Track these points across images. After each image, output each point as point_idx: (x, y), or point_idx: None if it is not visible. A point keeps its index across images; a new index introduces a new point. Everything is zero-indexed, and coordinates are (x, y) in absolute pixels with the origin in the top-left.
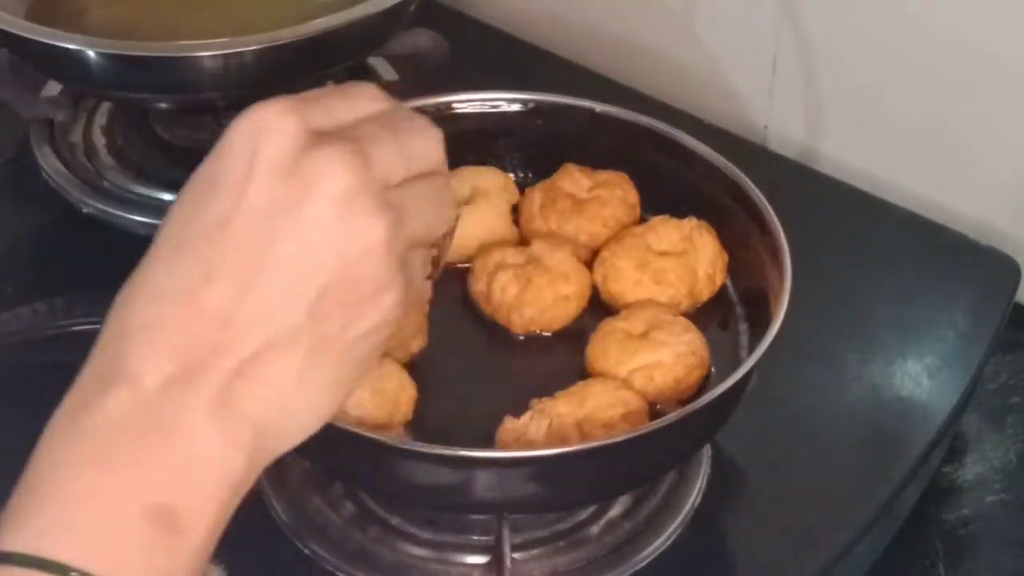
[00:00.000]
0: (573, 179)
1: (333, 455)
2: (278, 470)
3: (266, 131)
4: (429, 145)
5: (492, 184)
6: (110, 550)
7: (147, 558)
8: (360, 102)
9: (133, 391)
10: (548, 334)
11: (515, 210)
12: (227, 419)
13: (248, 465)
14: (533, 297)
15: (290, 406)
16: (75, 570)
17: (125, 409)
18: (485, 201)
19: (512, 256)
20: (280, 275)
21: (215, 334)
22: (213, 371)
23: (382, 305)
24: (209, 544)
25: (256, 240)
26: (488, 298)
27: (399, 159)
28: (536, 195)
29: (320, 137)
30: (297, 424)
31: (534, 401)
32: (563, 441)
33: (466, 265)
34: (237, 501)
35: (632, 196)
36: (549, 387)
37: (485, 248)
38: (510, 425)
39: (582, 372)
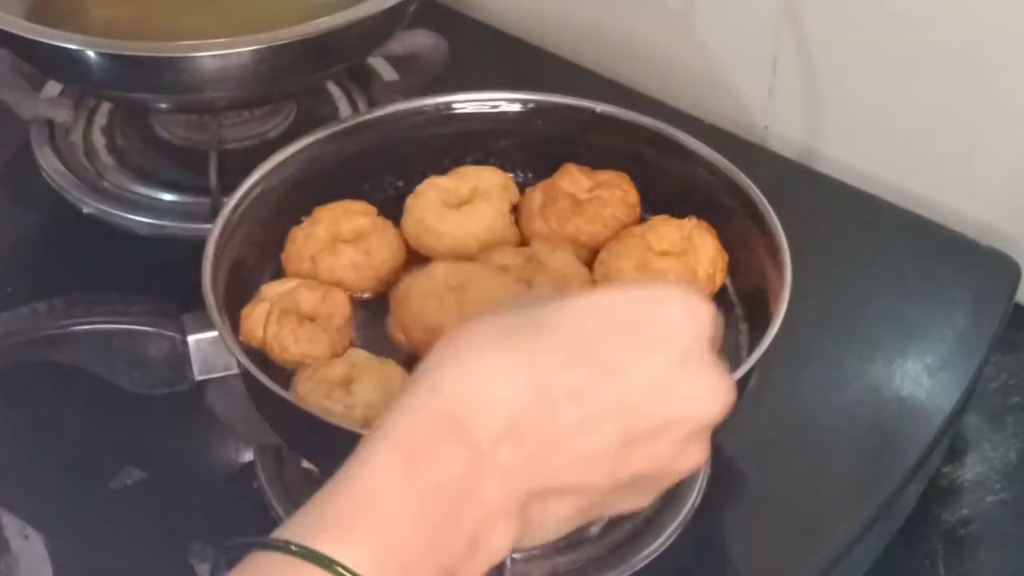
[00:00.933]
0: (573, 179)
1: (333, 455)
2: (278, 470)
3: (698, 319)
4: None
5: (492, 184)
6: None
7: None
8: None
9: (474, 454)
10: None
11: (515, 210)
12: (522, 517)
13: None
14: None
15: (552, 531)
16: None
17: (460, 470)
18: (485, 201)
19: (512, 257)
20: (636, 453)
21: (553, 457)
22: (536, 479)
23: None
24: None
25: (638, 404)
26: None
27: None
28: (536, 195)
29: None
30: (540, 541)
31: None
32: None
33: None
34: None
35: (632, 196)
36: None
37: (485, 248)
38: None
39: None
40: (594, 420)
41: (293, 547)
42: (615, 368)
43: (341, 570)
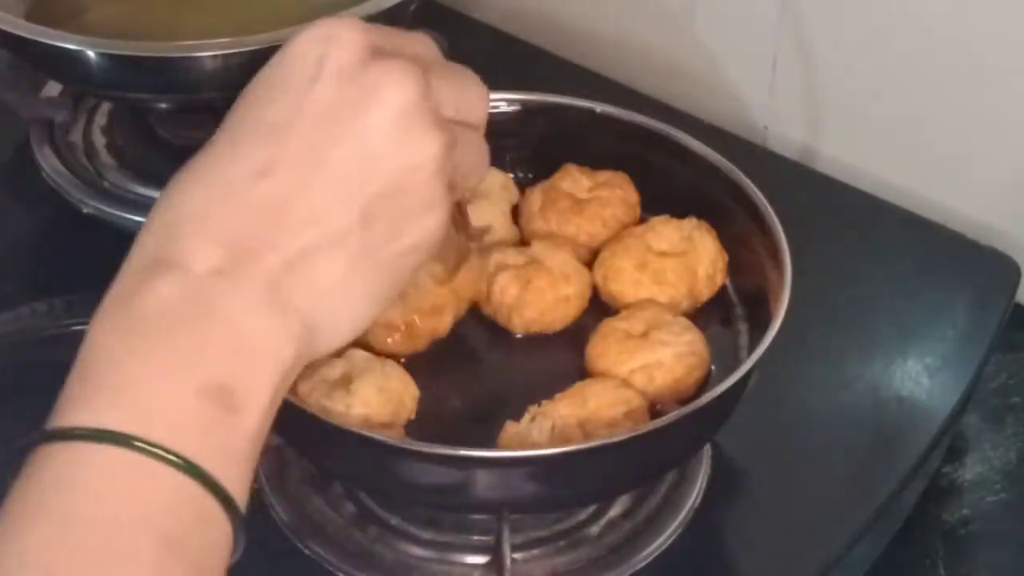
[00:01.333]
0: (573, 179)
1: (334, 455)
2: (278, 470)
3: (335, 39)
4: (478, 95)
5: (492, 184)
6: (169, 426)
7: (204, 435)
8: (418, 42)
9: (183, 278)
10: (548, 334)
11: (515, 210)
12: (276, 308)
13: (296, 355)
14: (534, 298)
15: (333, 307)
16: (138, 439)
17: (176, 295)
18: (485, 201)
19: (513, 257)
20: (336, 176)
21: (267, 227)
22: (262, 262)
23: (425, 225)
24: (263, 428)
25: (316, 140)
26: (488, 299)
27: (453, 94)
28: (536, 195)
29: (385, 52)
30: (339, 327)
31: (532, 408)
32: (567, 442)
33: None
34: (285, 390)
35: (632, 196)
36: (549, 387)
37: (486, 248)
38: (512, 430)
39: (582, 372)
40: (272, 175)
41: (78, 431)
42: (265, 129)
43: (138, 443)
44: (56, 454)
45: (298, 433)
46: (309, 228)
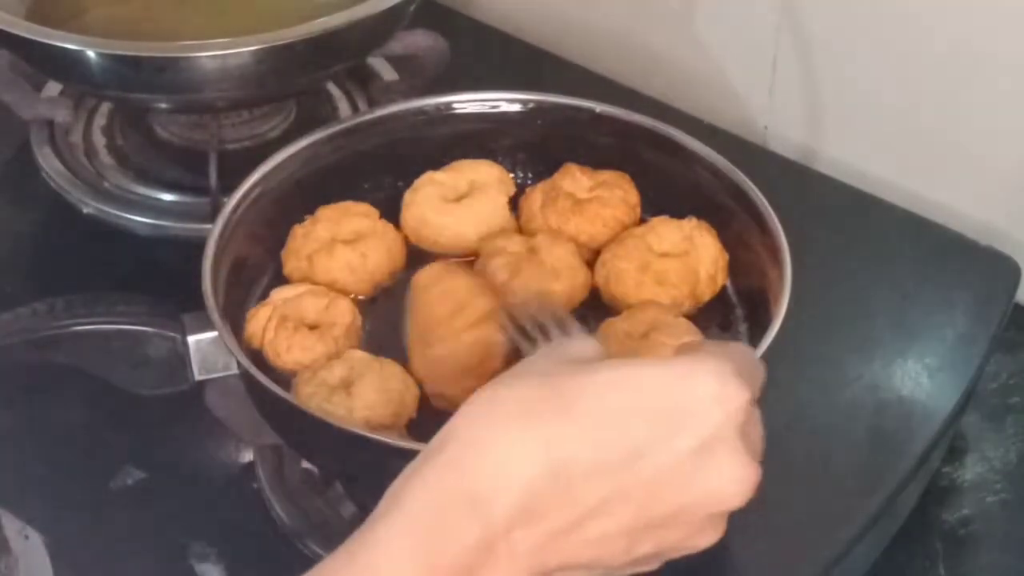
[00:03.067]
0: (574, 179)
1: (335, 456)
2: (278, 470)
3: (729, 403)
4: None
5: (489, 177)
6: None
7: None
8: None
9: (483, 532)
10: None
11: (514, 207)
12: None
13: None
14: (519, 286)
15: None
16: None
17: (472, 548)
18: (484, 195)
19: (514, 244)
20: (655, 525)
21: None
22: (545, 562)
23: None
24: None
25: (661, 491)
26: None
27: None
28: (536, 195)
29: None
30: None
31: None
32: None
33: (469, 259)
34: None
35: (633, 196)
36: None
37: (492, 235)
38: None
39: None
40: (611, 503)
41: None
42: (637, 450)
43: None
44: None
45: (299, 435)
46: (592, 554)
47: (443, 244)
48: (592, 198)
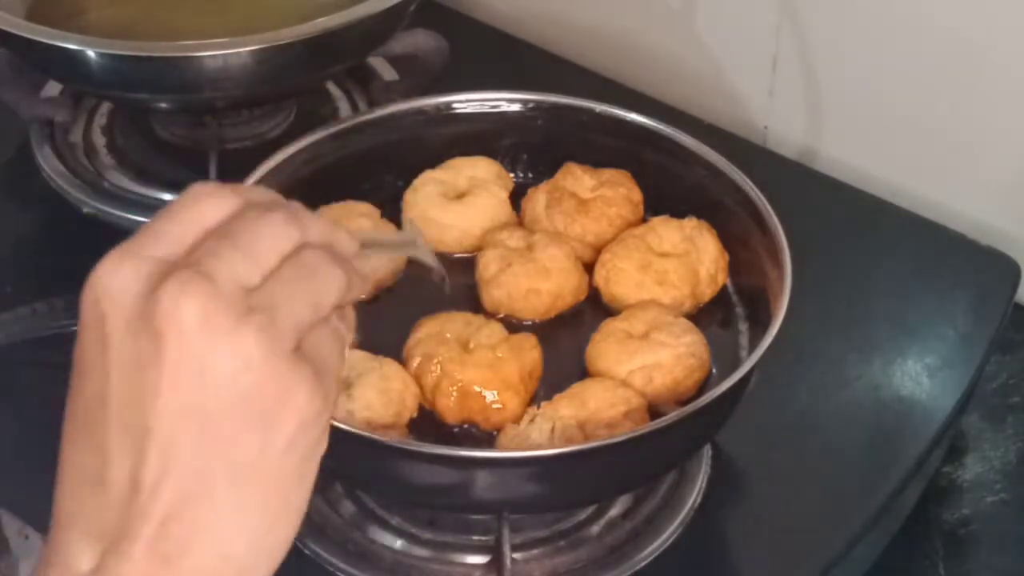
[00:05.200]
0: (576, 178)
1: (333, 455)
2: None
3: (104, 297)
4: (275, 232)
5: (487, 173)
6: None
7: None
8: (188, 216)
9: None
10: (549, 333)
11: (515, 206)
12: None
13: None
14: (506, 281)
15: (235, 546)
16: None
17: None
18: (485, 191)
19: (513, 238)
20: (163, 427)
21: (128, 504)
22: (137, 537)
23: (295, 407)
24: None
25: (131, 404)
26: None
27: (244, 262)
28: (540, 195)
29: (158, 275)
30: (256, 556)
31: (531, 409)
32: (567, 443)
33: (472, 255)
34: None
35: (636, 194)
36: (548, 387)
37: (496, 228)
38: (511, 431)
39: (582, 371)
40: (111, 456)
41: None
42: (89, 414)
43: None
44: None
45: None
46: (164, 488)
47: (448, 242)
48: (596, 197)
